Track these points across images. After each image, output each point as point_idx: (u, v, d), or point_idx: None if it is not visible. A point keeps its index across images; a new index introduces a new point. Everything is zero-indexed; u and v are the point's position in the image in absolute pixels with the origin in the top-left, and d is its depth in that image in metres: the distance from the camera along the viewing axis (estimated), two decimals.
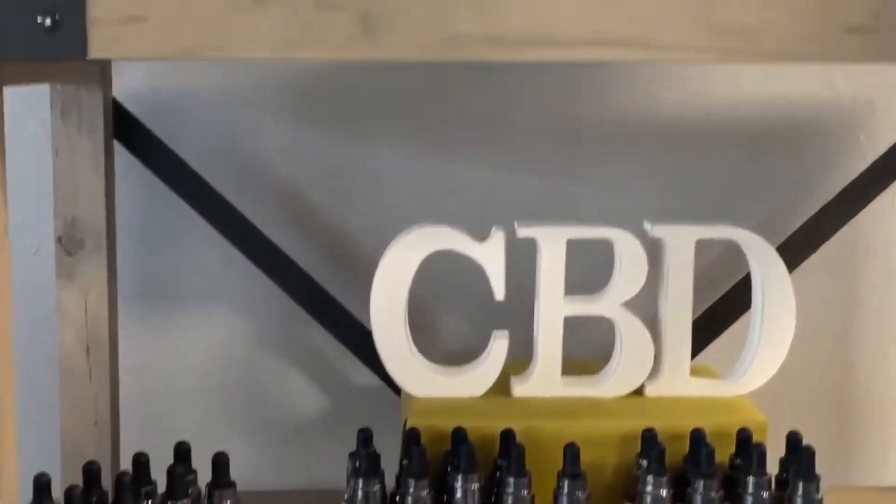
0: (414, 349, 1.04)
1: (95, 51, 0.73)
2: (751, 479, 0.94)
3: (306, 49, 0.74)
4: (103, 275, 1.08)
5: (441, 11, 0.75)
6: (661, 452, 0.93)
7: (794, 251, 1.17)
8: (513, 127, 1.20)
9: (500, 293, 1.04)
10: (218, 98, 1.17)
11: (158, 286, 1.21)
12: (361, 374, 1.18)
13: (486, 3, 0.75)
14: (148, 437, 1.13)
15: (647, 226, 1.06)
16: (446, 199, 1.21)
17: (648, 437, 0.96)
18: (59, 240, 1.08)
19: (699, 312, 1.16)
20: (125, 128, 1.10)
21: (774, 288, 1.05)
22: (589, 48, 0.75)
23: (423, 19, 0.75)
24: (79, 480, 0.87)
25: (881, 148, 1.20)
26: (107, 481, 0.90)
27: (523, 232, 1.04)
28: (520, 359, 1.06)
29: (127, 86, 1.14)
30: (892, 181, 1.19)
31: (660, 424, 0.97)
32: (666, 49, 0.76)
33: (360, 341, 1.12)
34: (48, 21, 0.72)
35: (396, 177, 1.20)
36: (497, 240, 1.04)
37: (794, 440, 0.99)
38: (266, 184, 1.20)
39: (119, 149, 1.11)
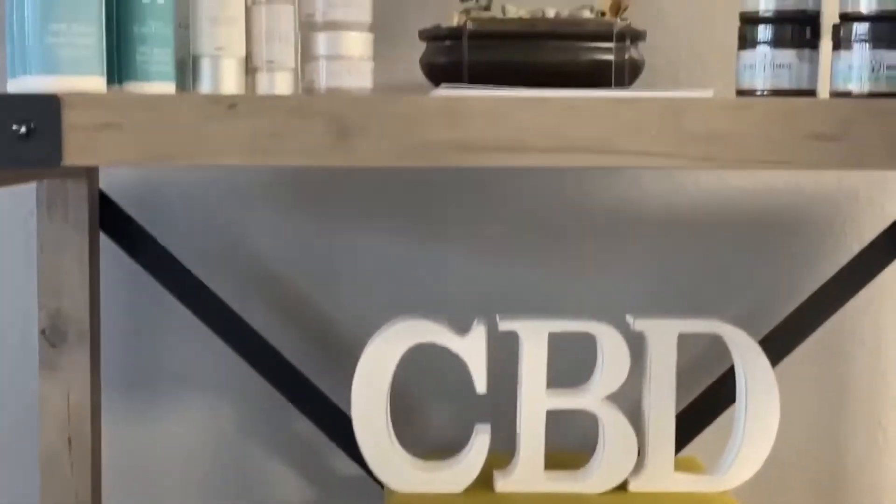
0: (395, 443, 1.04)
1: (70, 157, 0.74)
2: None
3: (279, 156, 0.75)
4: (86, 366, 1.08)
5: (413, 119, 0.75)
6: None
7: (782, 341, 1.16)
8: (498, 217, 1.21)
9: (481, 387, 1.04)
10: (204, 187, 1.18)
11: (142, 376, 1.21)
12: (345, 464, 1.17)
13: (457, 111, 0.76)
14: None
15: (629, 319, 1.06)
16: (431, 288, 1.21)
17: None
18: (42, 332, 1.08)
19: (684, 405, 1.15)
20: (111, 219, 1.11)
21: (758, 382, 1.05)
22: (558, 154, 0.76)
23: (396, 126, 0.75)
24: None
25: (867, 238, 1.20)
26: None
27: (505, 325, 1.04)
28: (503, 452, 1.06)
29: (114, 177, 1.15)
30: (878, 271, 1.18)
31: None
32: (635, 155, 0.76)
33: (343, 431, 1.12)
34: (23, 129, 0.73)
35: (381, 266, 1.21)
36: (478, 333, 1.04)
37: None
38: (251, 272, 1.20)
39: (105, 239, 1.12)
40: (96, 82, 0.78)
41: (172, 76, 0.82)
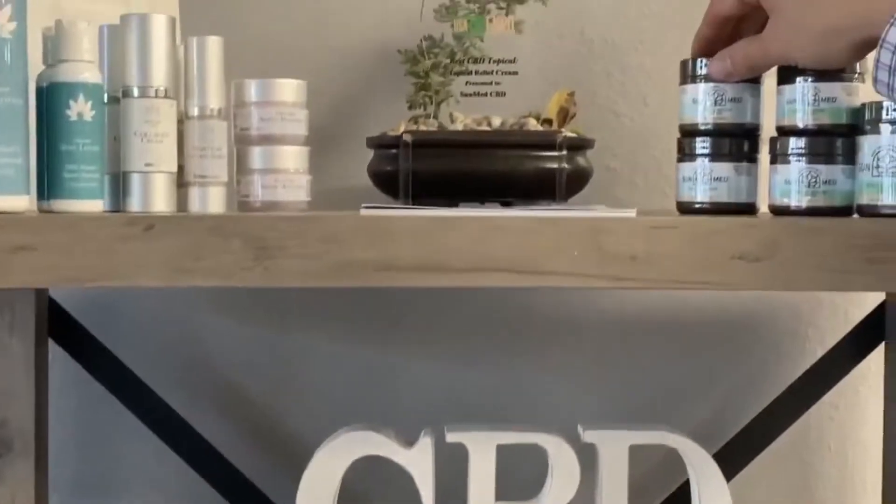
0: None
1: None
2: None
3: (197, 276, 0.74)
4: (31, 477, 1.07)
5: (334, 238, 0.75)
6: None
7: (744, 449, 1.14)
8: (450, 323, 1.20)
9: (428, 500, 1.02)
10: (152, 293, 1.17)
11: (92, 484, 1.19)
12: None
13: (379, 230, 0.75)
14: None
15: (580, 430, 1.04)
16: (380, 396, 1.19)
17: None
18: None
19: None
20: (60, 326, 1.11)
21: (713, 496, 1.02)
22: (479, 274, 0.75)
23: (316, 246, 0.75)
24: None
25: (829, 342, 1.19)
26: None
27: (452, 437, 1.02)
28: None
29: None
30: (842, 375, 1.17)
31: None
32: (557, 276, 0.75)
33: None
34: None
35: (335, 371, 1.20)
36: (425, 446, 1.02)
37: None
38: (203, 378, 1.19)
39: (53, 345, 1.11)
40: (22, 202, 0.78)
41: (100, 193, 0.82)
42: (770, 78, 0.91)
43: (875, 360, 1.15)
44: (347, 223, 0.75)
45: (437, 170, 0.99)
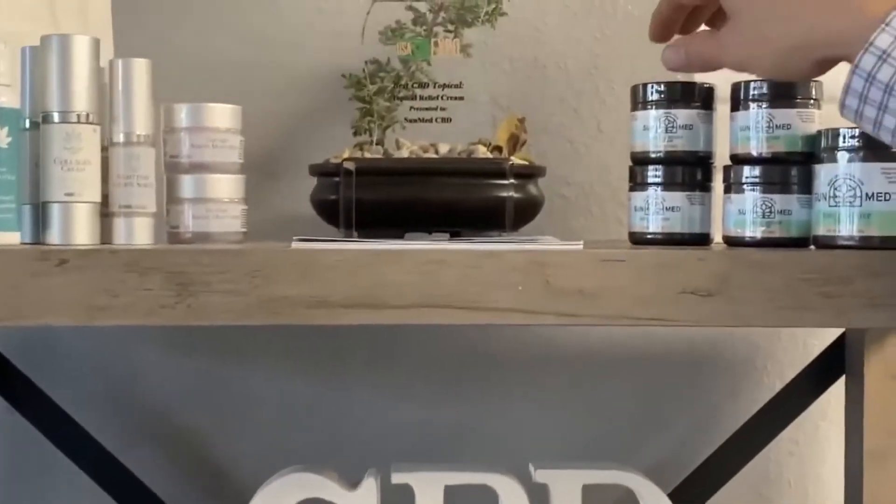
0: None
1: None
2: None
3: (113, 314, 0.70)
4: None
5: (262, 273, 0.71)
6: None
7: (702, 485, 1.10)
8: (395, 358, 1.15)
9: None
10: (87, 331, 1.12)
11: None
12: None
13: (311, 265, 0.71)
14: None
15: (531, 469, 0.99)
16: (322, 435, 1.15)
17: None
18: None
19: None
20: None
21: None
22: (417, 311, 0.71)
23: (242, 281, 0.71)
24: None
25: (788, 375, 1.15)
26: None
27: (398, 478, 0.98)
28: None
29: None
30: (802, 409, 1.13)
31: None
32: (500, 312, 0.71)
33: None
34: None
35: (278, 410, 1.15)
36: (369, 487, 0.97)
37: None
38: (142, 418, 1.14)
39: None
40: None
41: (16, 225, 0.78)
42: (723, 104, 0.88)
43: (835, 393, 1.12)
44: (277, 257, 0.71)
45: (382, 199, 0.95)
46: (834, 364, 1.11)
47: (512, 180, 0.95)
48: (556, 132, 1.16)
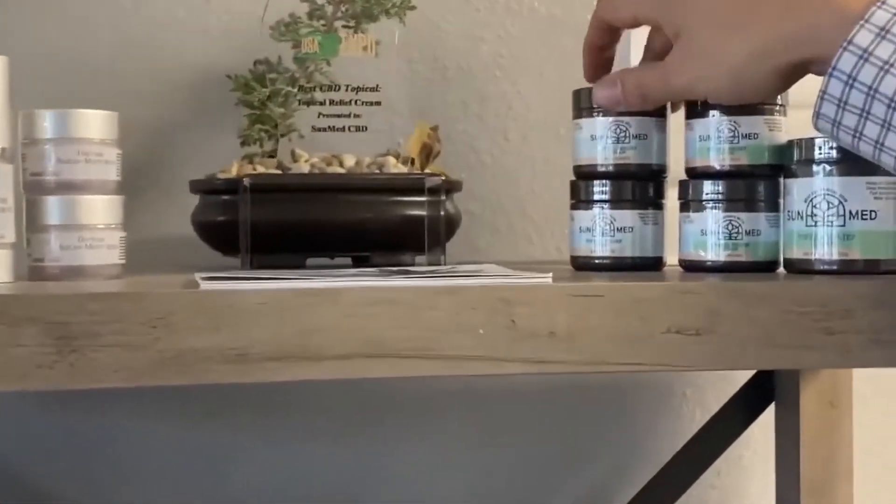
0: None
1: None
2: None
3: None
4: None
5: (165, 322, 0.57)
6: None
7: None
8: (299, 398, 1.02)
9: None
10: None
11: None
12: None
13: (223, 310, 0.57)
14: None
15: None
16: (209, 483, 1.00)
17: None
18: None
19: None
20: None
21: None
22: (357, 362, 0.59)
23: (141, 333, 0.56)
24: None
25: (713, 406, 1.07)
26: None
27: None
28: None
29: None
30: (729, 442, 1.05)
31: None
32: (457, 361, 0.59)
33: None
34: None
35: (155, 456, 1.00)
36: None
37: None
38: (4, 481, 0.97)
39: None
40: None
41: None
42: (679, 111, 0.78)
43: (760, 423, 1.05)
44: (182, 300, 0.57)
45: (280, 219, 0.82)
46: (762, 391, 1.04)
47: (431, 197, 0.83)
48: (460, 140, 1.05)
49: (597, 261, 0.77)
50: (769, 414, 1.04)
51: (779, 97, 0.74)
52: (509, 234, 1.06)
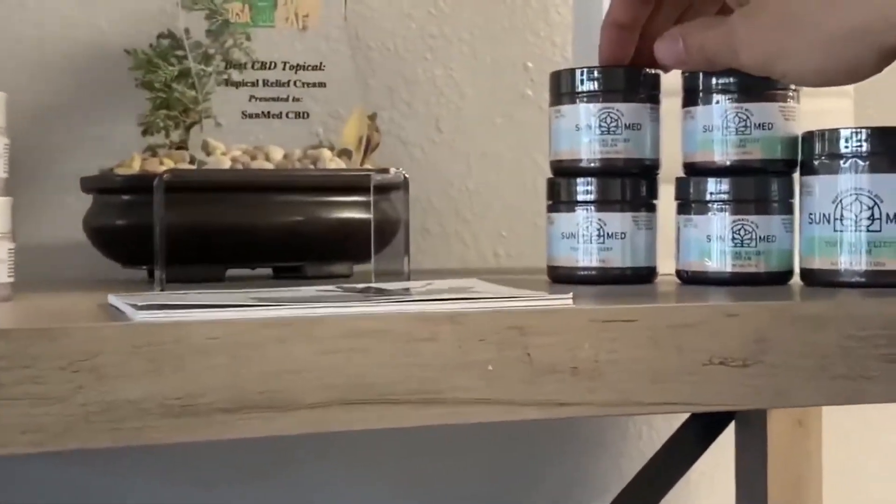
0: None
1: None
2: None
3: None
4: None
5: (90, 365, 0.43)
6: None
7: None
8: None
9: None
10: None
11: None
12: None
13: (167, 350, 0.44)
14: None
15: None
16: None
17: None
18: None
19: None
20: None
21: None
22: (345, 410, 0.46)
23: (59, 381, 0.43)
24: None
25: (664, 433, 0.97)
26: None
27: None
28: None
29: None
30: (684, 470, 0.95)
31: None
32: (465, 406, 0.47)
33: None
34: None
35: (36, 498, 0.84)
36: None
37: None
38: None
39: None
40: None
41: None
42: (669, 97, 0.67)
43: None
44: (109, 337, 0.43)
45: (198, 224, 0.68)
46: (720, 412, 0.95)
47: (371, 196, 0.71)
48: (386, 131, 0.92)
49: (582, 272, 0.65)
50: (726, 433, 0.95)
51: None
52: (441, 237, 0.94)
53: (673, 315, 0.50)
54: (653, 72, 0.66)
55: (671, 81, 0.67)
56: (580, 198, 0.66)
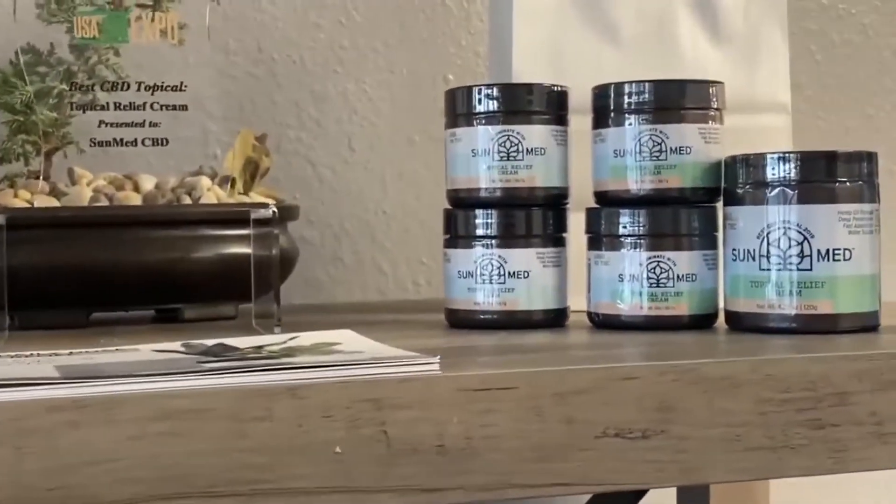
0: None
1: None
2: None
3: None
4: None
5: None
6: None
7: None
8: None
9: None
10: None
11: None
12: None
13: (34, 428, 0.36)
14: None
15: None
16: None
17: None
18: None
19: None
20: None
21: None
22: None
23: None
24: None
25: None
26: None
27: None
28: None
29: None
30: None
31: None
32: (302, 497, 0.40)
33: None
34: None
35: None
36: None
37: None
38: None
39: None
40: None
41: None
42: (579, 115, 0.60)
43: None
44: None
45: (51, 265, 0.60)
46: None
47: (255, 230, 0.63)
48: (292, 152, 0.84)
49: (481, 316, 0.58)
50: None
51: (714, 98, 0.57)
52: (356, 265, 0.86)
53: (560, 380, 0.43)
54: (558, 89, 0.59)
55: (581, 100, 0.59)
56: (479, 231, 0.58)
